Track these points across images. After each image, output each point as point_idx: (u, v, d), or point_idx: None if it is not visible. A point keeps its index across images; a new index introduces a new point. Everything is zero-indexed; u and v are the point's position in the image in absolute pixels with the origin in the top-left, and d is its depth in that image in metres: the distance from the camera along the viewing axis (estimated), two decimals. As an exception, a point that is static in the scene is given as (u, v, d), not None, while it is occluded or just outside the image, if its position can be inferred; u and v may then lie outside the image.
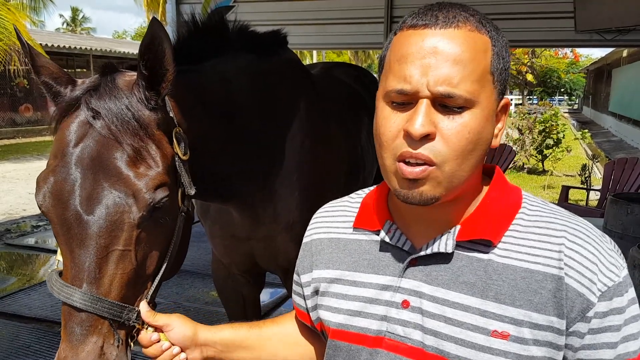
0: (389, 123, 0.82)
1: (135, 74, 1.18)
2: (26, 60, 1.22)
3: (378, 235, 0.95)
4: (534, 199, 0.92)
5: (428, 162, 0.79)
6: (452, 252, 0.87)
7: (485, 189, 0.92)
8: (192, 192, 1.23)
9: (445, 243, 0.87)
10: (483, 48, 0.81)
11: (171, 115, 1.24)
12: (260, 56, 1.89)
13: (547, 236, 0.84)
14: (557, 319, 0.79)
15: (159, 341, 1.08)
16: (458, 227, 0.88)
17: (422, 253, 0.88)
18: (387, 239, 0.93)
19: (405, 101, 0.81)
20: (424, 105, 0.78)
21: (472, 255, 0.86)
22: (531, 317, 0.79)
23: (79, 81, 1.20)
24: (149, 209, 1.08)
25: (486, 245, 0.85)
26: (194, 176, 1.29)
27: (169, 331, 1.09)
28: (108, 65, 1.21)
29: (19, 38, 1.23)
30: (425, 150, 0.79)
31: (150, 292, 1.14)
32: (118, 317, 1.05)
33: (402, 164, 0.81)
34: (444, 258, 0.87)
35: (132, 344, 1.09)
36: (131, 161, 1.08)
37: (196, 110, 1.43)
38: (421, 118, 0.78)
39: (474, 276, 0.84)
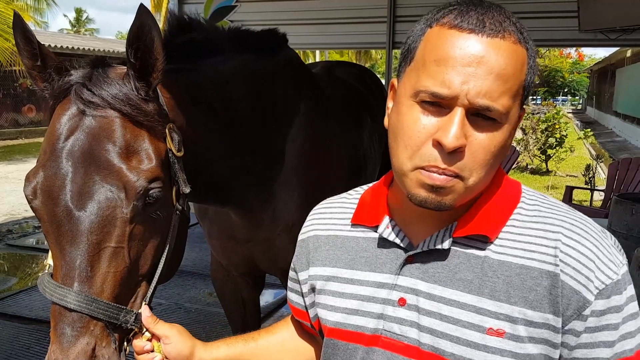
0: (417, 126, 0.79)
1: (126, 68, 1.14)
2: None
3: (376, 231, 0.94)
4: (533, 193, 0.91)
5: (453, 175, 0.78)
6: (449, 249, 0.86)
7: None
8: (187, 190, 1.20)
9: (441, 239, 0.86)
10: (521, 63, 0.79)
11: (165, 110, 1.21)
12: (259, 56, 1.86)
13: (543, 231, 0.82)
14: (553, 316, 0.77)
15: (152, 351, 1.05)
16: (455, 223, 0.86)
17: (419, 250, 0.87)
18: (384, 235, 0.92)
19: (438, 102, 0.78)
20: (458, 115, 0.76)
21: (469, 252, 0.85)
22: (526, 315, 0.78)
23: (69, 71, 1.15)
24: (141, 203, 1.05)
25: (483, 241, 0.84)
26: (191, 177, 1.26)
27: (166, 344, 1.06)
28: (98, 58, 1.17)
29: (15, 23, 1.15)
30: (453, 167, 0.77)
31: (149, 294, 1.10)
32: (114, 319, 1.01)
33: (425, 171, 0.79)
34: (440, 255, 0.86)
35: (127, 347, 1.06)
36: (123, 154, 1.05)
37: (192, 109, 1.41)
38: (456, 129, 0.76)
39: (471, 273, 0.83)
